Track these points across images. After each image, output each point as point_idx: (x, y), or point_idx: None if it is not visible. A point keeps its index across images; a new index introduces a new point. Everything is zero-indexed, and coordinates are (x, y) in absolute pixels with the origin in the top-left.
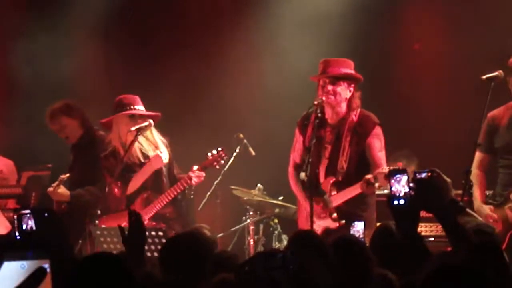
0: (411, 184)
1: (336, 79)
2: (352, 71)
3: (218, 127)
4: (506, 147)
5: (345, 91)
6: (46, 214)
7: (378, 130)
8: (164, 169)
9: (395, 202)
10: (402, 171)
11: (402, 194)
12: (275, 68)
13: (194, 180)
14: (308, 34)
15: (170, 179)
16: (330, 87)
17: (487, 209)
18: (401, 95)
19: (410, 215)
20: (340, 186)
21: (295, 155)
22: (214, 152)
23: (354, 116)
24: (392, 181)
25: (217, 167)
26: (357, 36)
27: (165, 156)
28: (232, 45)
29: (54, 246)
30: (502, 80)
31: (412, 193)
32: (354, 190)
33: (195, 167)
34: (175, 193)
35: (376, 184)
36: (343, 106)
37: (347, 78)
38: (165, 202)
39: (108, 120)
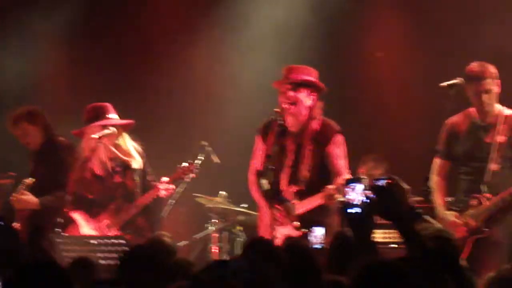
0: (367, 192)
1: (297, 86)
2: (314, 79)
3: (181, 134)
4: (466, 154)
5: (306, 98)
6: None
7: (338, 138)
8: (137, 178)
9: (349, 210)
10: (358, 180)
11: (356, 202)
12: (238, 75)
13: (163, 193)
14: (272, 42)
15: (143, 187)
16: (291, 94)
17: (452, 216)
18: (365, 102)
19: (365, 223)
20: (302, 195)
21: (256, 162)
22: (185, 164)
23: (315, 125)
24: (347, 189)
25: (186, 180)
26: (320, 43)
27: (137, 164)
28: (196, 53)
29: (10, 254)
30: (462, 87)
31: (368, 201)
32: (316, 201)
33: (165, 179)
34: (144, 202)
35: (338, 196)
36: (304, 114)
37: (308, 85)
38: (133, 212)
39: (80, 131)
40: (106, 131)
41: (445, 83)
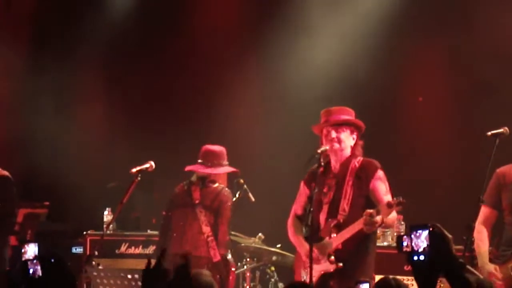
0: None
1: (339, 126)
2: (354, 118)
3: None
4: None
5: (348, 138)
6: (52, 260)
7: (380, 174)
8: None
9: (415, 258)
10: (423, 226)
11: (421, 249)
12: (279, 113)
13: None
14: (311, 85)
15: None
16: (334, 134)
17: (491, 267)
18: (405, 146)
19: (431, 271)
20: (341, 228)
21: (297, 207)
22: None
23: (356, 163)
24: (412, 236)
25: None
26: (361, 86)
27: None
28: (236, 89)
29: None
30: (507, 136)
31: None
32: (356, 226)
33: None
34: None
35: (378, 218)
36: (347, 153)
37: (349, 124)
38: None
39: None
40: (144, 166)
41: (490, 132)
